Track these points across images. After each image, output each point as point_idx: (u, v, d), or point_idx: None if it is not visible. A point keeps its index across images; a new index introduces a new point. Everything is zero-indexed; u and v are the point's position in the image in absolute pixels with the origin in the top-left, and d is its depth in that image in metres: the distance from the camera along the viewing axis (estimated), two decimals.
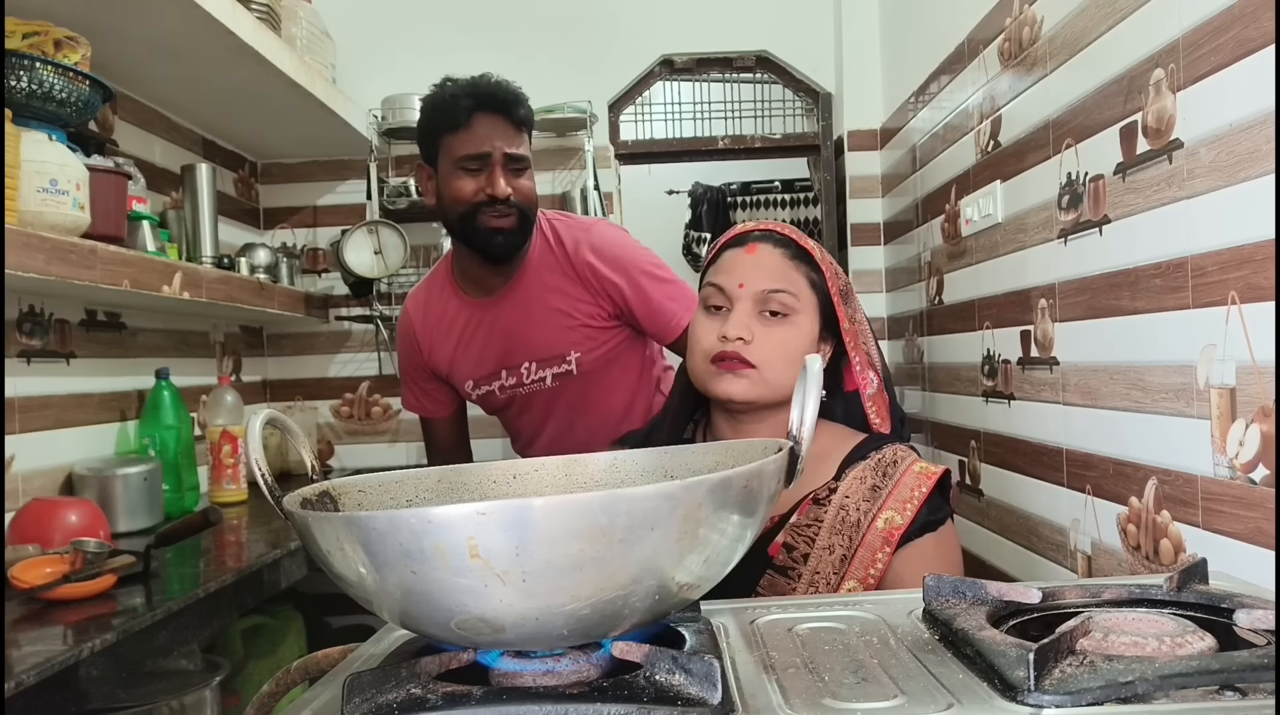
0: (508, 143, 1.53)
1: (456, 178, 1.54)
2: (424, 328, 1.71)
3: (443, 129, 1.54)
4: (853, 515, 1.05)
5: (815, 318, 1.10)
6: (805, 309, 1.09)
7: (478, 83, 1.54)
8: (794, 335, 1.08)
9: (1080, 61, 1.35)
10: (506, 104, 1.54)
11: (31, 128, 1.33)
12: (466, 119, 1.52)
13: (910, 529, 1.03)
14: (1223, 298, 1.01)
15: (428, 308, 1.71)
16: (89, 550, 1.20)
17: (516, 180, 1.55)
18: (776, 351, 1.06)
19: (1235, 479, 1.00)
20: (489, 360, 1.67)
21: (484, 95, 1.53)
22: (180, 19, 1.62)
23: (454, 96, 1.53)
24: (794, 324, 1.08)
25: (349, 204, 2.70)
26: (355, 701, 0.56)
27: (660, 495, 0.55)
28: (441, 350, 1.70)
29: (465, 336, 1.67)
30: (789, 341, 1.07)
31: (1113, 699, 0.55)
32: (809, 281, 1.10)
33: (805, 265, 1.10)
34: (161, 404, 1.84)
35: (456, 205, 1.55)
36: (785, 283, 1.08)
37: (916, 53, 2.21)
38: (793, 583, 1.03)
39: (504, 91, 1.54)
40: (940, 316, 2.07)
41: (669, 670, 0.57)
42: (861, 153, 2.58)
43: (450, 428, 1.83)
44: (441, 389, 1.76)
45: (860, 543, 1.03)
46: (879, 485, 1.06)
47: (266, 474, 0.65)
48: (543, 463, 0.83)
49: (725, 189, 3.03)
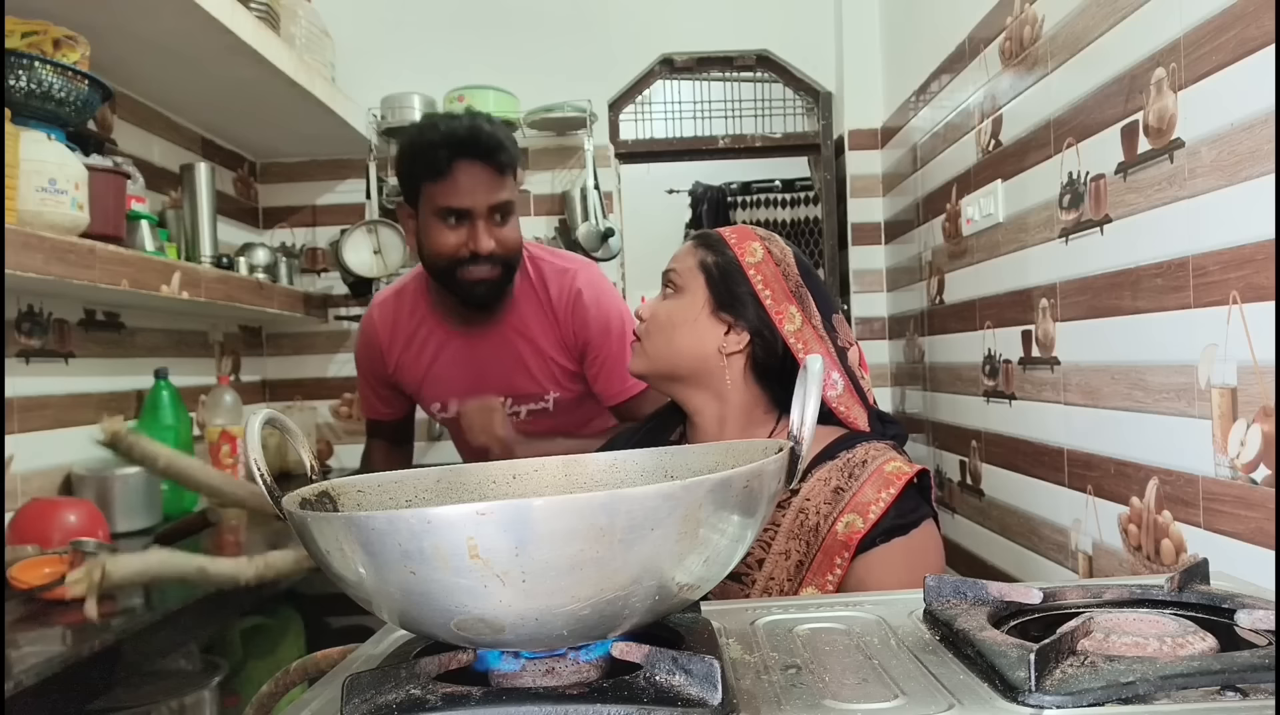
0: (490, 193, 1.46)
1: (437, 229, 1.48)
2: (390, 340, 1.65)
3: (422, 176, 1.47)
4: (812, 519, 1.02)
5: (701, 294, 1.13)
6: (688, 286, 1.14)
7: (456, 128, 1.46)
8: (673, 307, 1.14)
9: (1081, 61, 1.35)
10: (489, 150, 1.45)
11: (30, 127, 1.33)
12: (447, 168, 1.44)
13: (874, 532, 0.99)
14: (1224, 297, 1.01)
15: (396, 322, 1.65)
16: (88, 550, 1.20)
17: (500, 231, 1.49)
18: (653, 322, 1.15)
19: (1236, 479, 1.00)
20: (462, 389, 1.61)
21: (464, 142, 1.44)
22: (179, 18, 1.62)
23: (432, 144, 1.45)
24: (675, 298, 1.14)
25: (348, 203, 2.70)
26: (354, 702, 0.56)
27: (660, 495, 0.54)
28: (409, 369, 1.65)
29: (438, 362, 1.62)
30: (666, 312, 1.14)
31: (1114, 699, 0.55)
32: (699, 262, 1.14)
33: (707, 250, 1.15)
34: (160, 404, 1.84)
35: (438, 259, 1.50)
36: (676, 263, 1.16)
37: (917, 52, 2.21)
38: (746, 589, 1.02)
39: (485, 136, 1.45)
40: (941, 316, 2.07)
41: (669, 671, 0.57)
42: (862, 152, 2.58)
43: (401, 427, 1.80)
44: (397, 396, 1.72)
45: (819, 548, 1.00)
46: (842, 487, 1.03)
47: (265, 474, 0.65)
48: (542, 463, 0.83)
49: (725, 188, 3.03)
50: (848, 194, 2.59)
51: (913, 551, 1.02)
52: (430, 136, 1.46)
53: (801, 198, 2.93)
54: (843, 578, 1.00)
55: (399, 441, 1.83)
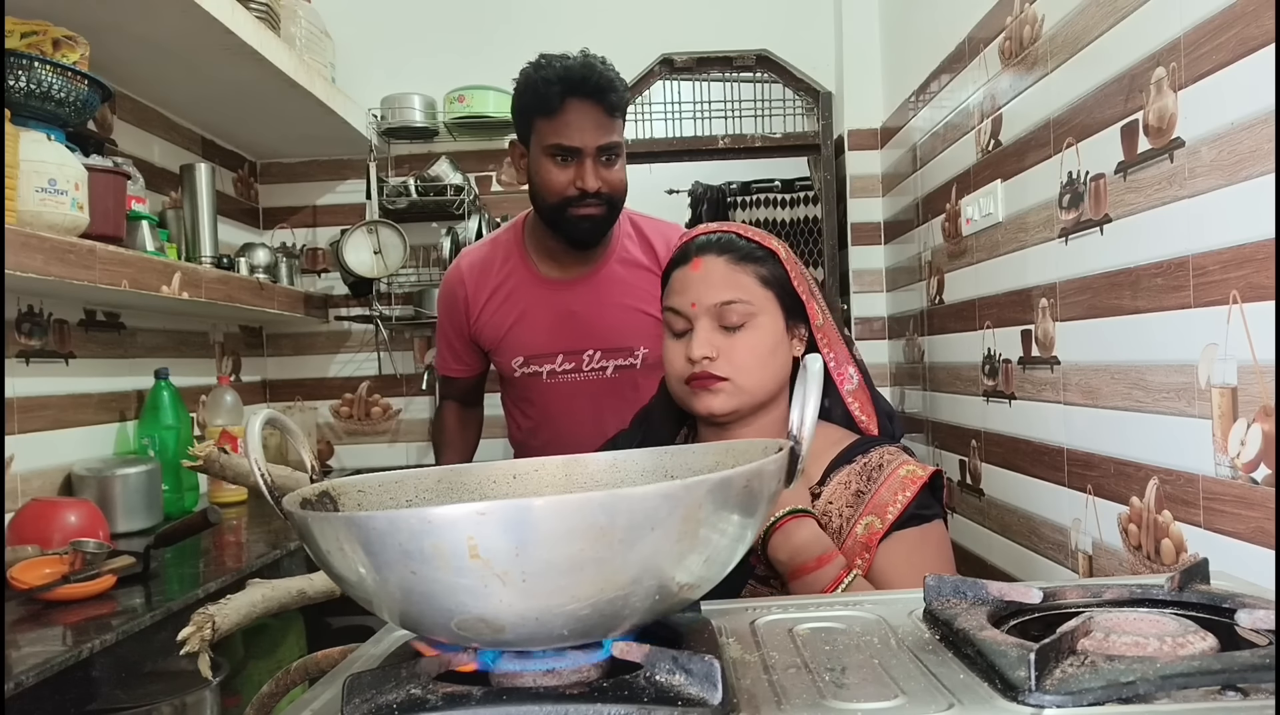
0: (600, 133, 1.50)
1: (548, 166, 1.53)
2: (476, 289, 1.68)
3: (534, 112, 1.52)
4: (835, 521, 1.04)
5: (777, 313, 1.09)
6: (763, 309, 1.08)
7: (570, 67, 1.49)
8: (758, 338, 1.07)
9: (1081, 60, 1.35)
10: (600, 89, 1.49)
11: (30, 127, 1.33)
12: (559, 105, 1.48)
13: (891, 529, 1.02)
14: (1224, 297, 1.01)
15: (485, 272, 1.68)
16: (88, 551, 1.20)
17: (607, 172, 1.53)
18: (744, 359, 1.07)
19: (1237, 478, 1.00)
20: (549, 341, 1.64)
21: (576, 81, 1.48)
22: (179, 18, 1.62)
23: (546, 80, 1.48)
24: (755, 327, 1.07)
25: (348, 204, 2.70)
26: (355, 702, 0.56)
27: (660, 495, 0.54)
28: (494, 320, 1.67)
29: (528, 312, 1.65)
30: (754, 346, 1.07)
31: (1114, 699, 0.55)
32: (759, 279, 1.08)
33: (753, 263, 1.09)
34: (161, 404, 1.84)
35: (548, 195, 1.54)
36: (735, 291, 1.07)
37: (917, 52, 2.21)
38: (775, 591, 1.02)
39: (597, 76, 1.49)
40: (941, 316, 2.07)
41: (669, 670, 0.57)
42: (862, 152, 2.58)
43: (472, 387, 1.82)
44: (472, 353, 1.74)
45: (841, 548, 1.02)
46: (863, 490, 1.05)
47: (266, 474, 0.65)
48: (542, 463, 0.83)
49: (725, 188, 3.03)
50: (847, 194, 2.59)
51: (927, 542, 1.04)
52: (545, 74, 1.49)
53: (801, 198, 2.93)
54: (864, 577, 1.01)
55: (470, 403, 1.85)
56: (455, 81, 2.54)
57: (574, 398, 1.67)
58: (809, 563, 0.96)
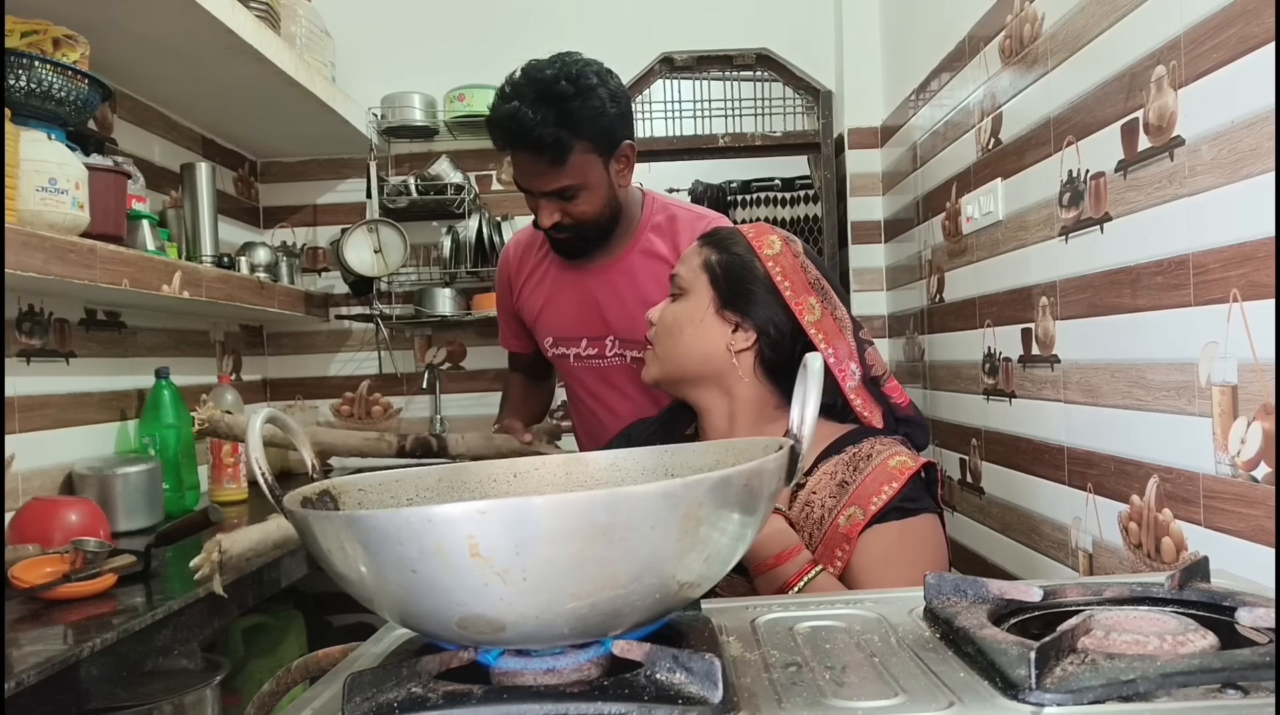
0: (543, 182, 1.46)
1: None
2: (518, 271, 1.72)
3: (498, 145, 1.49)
4: (817, 512, 1.04)
5: (706, 294, 1.13)
6: (693, 287, 1.14)
7: (500, 117, 1.42)
8: (679, 309, 1.15)
9: (1081, 58, 1.35)
10: (532, 145, 1.41)
11: (30, 127, 1.33)
12: (505, 148, 1.46)
13: (873, 521, 1.01)
14: (1224, 295, 1.01)
15: (525, 254, 1.72)
16: (89, 550, 1.20)
17: (569, 205, 1.49)
18: (660, 326, 1.16)
19: (1237, 477, 1.00)
20: (573, 325, 1.66)
21: (508, 134, 1.42)
22: (179, 17, 1.62)
23: (491, 122, 1.46)
24: (681, 301, 1.15)
25: (349, 203, 2.70)
26: (355, 701, 0.56)
27: (661, 494, 0.54)
28: (530, 300, 1.71)
29: (556, 295, 1.67)
30: (672, 315, 1.15)
31: (1114, 697, 0.55)
32: (703, 262, 1.15)
33: (712, 249, 1.15)
34: (161, 403, 1.84)
35: None
36: (681, 266, 1.17)
37: (917, 50, 2.21)
38: (750, 582, 1.02)
39: (525, 132, 1.40)
40: (941, 314, 2.07)
41: (670, 669, 0.57)
42: (862, 150, 2.58)
43: (535, 363, 1.83)
44: (524, 330, 1.78)
45: (821, 540, 1.02)
46: (848, 481, 1.04)
47: (267, 473, 0.65)
48: (543, 461, 0.83)
49: (726, 187, 3.03)
50: (847, 192, 2.59)
51: (907, 536, 1.02)
52: (494, 112, 1.45)
53: (801, 196, 2.92)
54: (843, 570, 1.00)
55: (537, 378, 1.88)
56: (455, 80, 2.54)
57: (598, 383, 1.69)
58: (768, 560, 0.97)
